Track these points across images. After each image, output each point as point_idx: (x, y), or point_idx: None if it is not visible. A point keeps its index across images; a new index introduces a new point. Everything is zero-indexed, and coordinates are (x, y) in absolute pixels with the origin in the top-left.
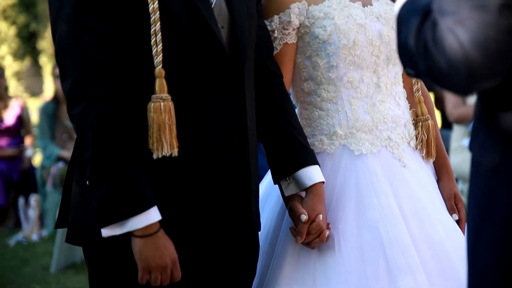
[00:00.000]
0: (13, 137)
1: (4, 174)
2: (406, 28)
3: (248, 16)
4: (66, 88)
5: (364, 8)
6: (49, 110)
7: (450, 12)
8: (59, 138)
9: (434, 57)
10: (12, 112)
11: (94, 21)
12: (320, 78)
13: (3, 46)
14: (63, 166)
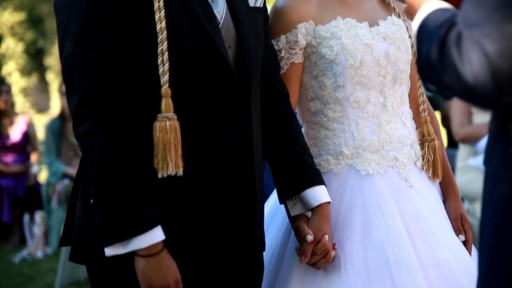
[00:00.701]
0: (19, 154)
1: (10, 190)
2: (428, 42)
3: (255, 36)
4: (72, 106)
5: (371, 29)
6: (55, 127)
7: (477, 24)
8: (65, 155)
9: (459, 70)
10: (19, 128)
11: (101, 40)
12: (326, 97)
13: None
14: (68, 183)
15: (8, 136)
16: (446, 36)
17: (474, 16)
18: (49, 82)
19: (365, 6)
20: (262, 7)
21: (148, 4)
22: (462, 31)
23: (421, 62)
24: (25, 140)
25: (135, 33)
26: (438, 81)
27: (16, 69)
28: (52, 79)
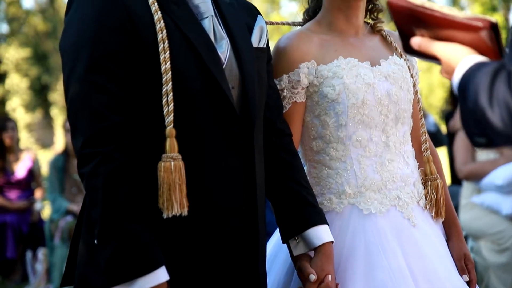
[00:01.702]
0: (23, 190)
1: (14, 226)
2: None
3: (258, 76)
4: (77, 146)
5: (373, 68)
6: (59, 163)
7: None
8: (68, 191)
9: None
10: (24, 165)
11: (106, 81)
12: (329, 136)
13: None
14: (71, 220)
15: (13, 172)
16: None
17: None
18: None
19: (367, 45)
20: (265, 47)
21: (153, 45)
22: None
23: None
24: (29, 176)
25: (140, 74)
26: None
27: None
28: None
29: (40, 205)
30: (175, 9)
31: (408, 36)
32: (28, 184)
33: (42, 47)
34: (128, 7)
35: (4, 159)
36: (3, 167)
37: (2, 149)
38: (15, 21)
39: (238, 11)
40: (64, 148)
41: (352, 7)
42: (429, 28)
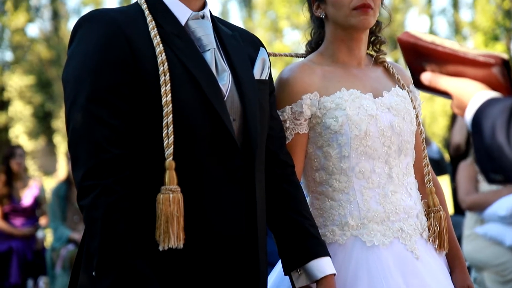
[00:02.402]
0: (28, 218)
1: (19, 253)
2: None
3: (260, 108)
4: (78, 178)
5: (375, 100)
6: (61, 192)
7: None
8: (70, 219)
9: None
10: (30, 192)
11: (107, 114)
12: (331, 168)
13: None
14: (73, 248)
15: (20, 200)
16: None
17: None
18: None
19: (370, 77)
20: (267, 79)
21: (155, 78)
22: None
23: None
24: (35, 204)
25: (141, 106)
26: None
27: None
28: (60, 142)
29: (42, 233)
30: (177, 42)
31: (419, 71)
32: (33, 211)
33: (46, 75)
34: (130, 40)
35: (11, 186)
36: (10, 194)
37: (10, 176)
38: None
39: (241, 43)
40: (67, 176)
41: (355, 39)
42: (439, 64)
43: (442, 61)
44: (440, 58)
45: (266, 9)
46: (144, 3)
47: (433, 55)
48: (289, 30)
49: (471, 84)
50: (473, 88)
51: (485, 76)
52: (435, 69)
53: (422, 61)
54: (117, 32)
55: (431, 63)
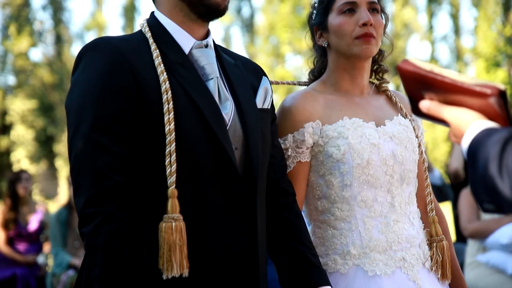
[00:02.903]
0: (32, 243)
1: (24, 279)
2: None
3: (262, 137)
4: (79, 205)
5: (378, 128)
6: (62, 217)
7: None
8: (71, 245)
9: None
10: (36, 218)
11: (110, 142)
12: (333, 196)
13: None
14: (73, 274)
15: (26, 225)
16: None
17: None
18: (58, 168)
19: (372, 105)
20: (269, 108)
21: (158, 106)
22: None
23: (477, 180)
24: (39, 229)
25: (144, 134)
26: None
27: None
28: (61, 166)
29: (42, 259)
30: (181, 71)
31: (417, 99)
32: (38, 236)
33: (49, 99)
34: (134, 68)
35: (17, 211)
36: (16, 218)
37: (16, 201)
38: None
39: (244, 72)
40: (68, 201)
41: (357, 67)
42: (438, 93)
43: (441, 89)
44: (438, 86)
45: (268, 35)
46: (148, 32)
47: (432, 83)
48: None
49: (469, 113)
50: (470, 118)
51: (482, 105)
52: (434, 97)
53: (421, 89)
54: (120, 60)
55: (430, 91)
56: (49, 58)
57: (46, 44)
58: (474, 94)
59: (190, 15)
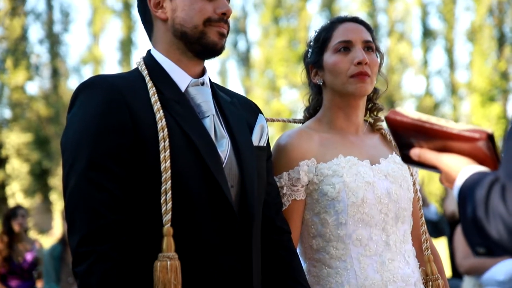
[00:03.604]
0: (25, 280)
1: None
2: (472, 203)
3: (257, 175)
4: (73, 244)
5: (372, 166)
6: (55, 252)
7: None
8: (64, 281)
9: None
10: (30, 255)
11: (106, 180)
12: (328, 235)
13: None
14: None
15: (20, 262)
16: (490, 192)
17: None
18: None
19: (367, 144)
20: (265, 145)
21: (154, 143)
22: (506, 183)
23: (468, 224)
24: (33, 265)
25: (140, 172)
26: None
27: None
28: (56, 200)
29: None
30: (177, 108)
31: (407, 147)
32: (30, 273)
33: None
34: (130, 106)
35: (11, 248)
36: (9, 255)
37: (11, 237)
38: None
39: (240, 109)
40: (62, 236)
41: (352, 106)
42: (427, 140)
43: (430, 136)
44: (427, 134)
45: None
46: (145, 69)
47: (420, 131)
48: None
49: (459, 159)
50: (460, 163)
51: (472, 149)
52: (423, 144)
53: (410, 137)
54: (117, 97)
55: (419, 139)
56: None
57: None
58: (463, 139)
59: (187, 53)
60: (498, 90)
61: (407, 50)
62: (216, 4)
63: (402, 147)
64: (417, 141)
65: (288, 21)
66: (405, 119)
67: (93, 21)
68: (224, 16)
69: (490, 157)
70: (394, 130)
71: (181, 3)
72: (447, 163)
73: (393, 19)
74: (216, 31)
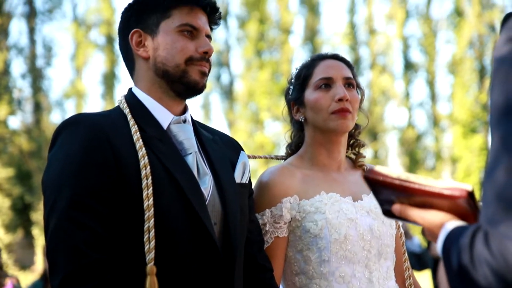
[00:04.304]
0: None
1: None
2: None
3: (240, 212)
4: (55, 285)
5: (355, 203)
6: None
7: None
8: None
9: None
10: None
11: (88, 218)
12: (311, 272)
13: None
14: None
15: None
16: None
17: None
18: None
19: (349, 180)
20: (247, 182)
21: (137, 181)
22: (488, 229)
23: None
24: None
25: (123, 210)
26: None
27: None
28: (38, 235)
29: None
30: (160, 146)
31: (387, 202)
32: None
33: (26, 167)
34: (113, 144)
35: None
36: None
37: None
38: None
39: (222, 147)
40: (43, 272)
41: (334, 142)
42: (408, 197)
43: (410, 194)
44: (407, 192)
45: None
46: (126, 107)
47: (400, 189)
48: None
49: (440, 215)
50: (441, 219)
51: (452, 206)
52: (404, 200)
53: (390, 194)
54: (99, 135)
55: (399, 195)
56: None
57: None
58: (443, 197)
59: (169, 92)
60: (480, 121)
61: (389, 83)
62: (197, 43)
63: (382, 203)
64: (397, 197)
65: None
66: (384, 178)
67: (76, 55)
68: (205, 55)
69: (471, 212)
70: (373, 188)
71: (163, 41)
72: (429, 220)
73: (375, 52)
74: (198, 70)
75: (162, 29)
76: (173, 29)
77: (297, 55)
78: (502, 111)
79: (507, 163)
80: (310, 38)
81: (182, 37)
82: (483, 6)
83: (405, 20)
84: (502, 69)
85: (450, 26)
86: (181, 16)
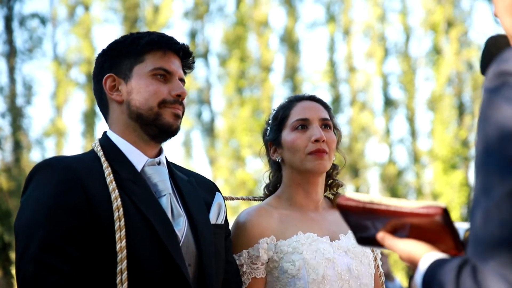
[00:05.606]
0: None
1: None
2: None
3: (215, 253)
4: None
5: (332, 243)
6: None
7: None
8: None
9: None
10: None
11: (60, 262)
12: None
13: None
14: None
15: None
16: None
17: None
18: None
19: (327, 220)
20: (223, 223)
21: (109, 223)
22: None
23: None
24: None
25: (96, 252)
26: None
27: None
28: None
29: None
30: (133, 187)
31: (360, 230)
32: None
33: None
34: (86, 186)
35: None
36: None
37: None
38: None
39: (196, 188)
40: None
41: (311, 182)
42: (383, 221)
43: (385, 217)
44: (382, 215)
45: (228, 138)
46: (100, 150)
47: (375, 213)
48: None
49: (418, 246)
50: (420, 250)
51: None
52: (379, 225)
53: (363, 220)
54: (72, 178)
55: (373, 220)
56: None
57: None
58: (419, 216)
59: (143, 136)
60: (460, 157)
61: (369, 119)
62: (171, 86)
63: (356, 230)
64: (371, 222)
65: (251, 92)
66: (357, 203)
67: (56, 94)
68: (179, 98)
69: (449, 229)
70: (346, 216)
71: (136, 85)
72: (407, 250)
73: (355, 89)
74: (171, 113)
75: (135, 73)
76: (146, 73)
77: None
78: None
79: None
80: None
81: (156, 81)
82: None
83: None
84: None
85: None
86: (154, 61)
